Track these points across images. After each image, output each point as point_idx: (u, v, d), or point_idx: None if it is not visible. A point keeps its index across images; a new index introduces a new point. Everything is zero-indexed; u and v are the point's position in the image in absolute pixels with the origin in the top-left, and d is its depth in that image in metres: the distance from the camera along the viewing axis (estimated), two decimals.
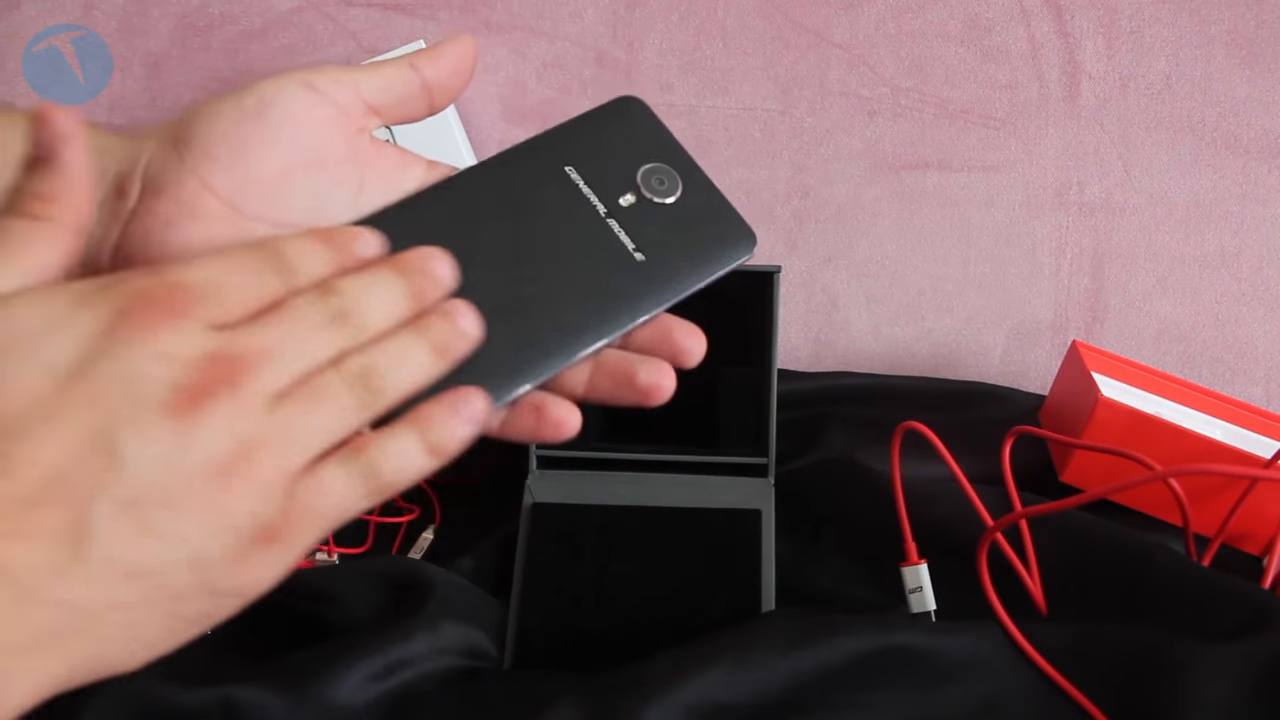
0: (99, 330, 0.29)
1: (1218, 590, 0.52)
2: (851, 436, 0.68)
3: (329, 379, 0.31)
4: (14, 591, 0.27)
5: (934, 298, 0.80)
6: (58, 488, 0.28)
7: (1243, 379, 0.80)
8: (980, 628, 0.51)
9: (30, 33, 0.77)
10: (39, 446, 0.28)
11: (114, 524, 0.28)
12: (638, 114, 0.40)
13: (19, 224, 0.31)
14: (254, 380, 0.30)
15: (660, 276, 0.37)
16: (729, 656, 0.50)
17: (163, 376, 0.29)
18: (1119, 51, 0.78)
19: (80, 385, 0.28)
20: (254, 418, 0.30)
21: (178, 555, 0.29)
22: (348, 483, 0.31)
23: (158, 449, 0.28)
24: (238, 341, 0.30)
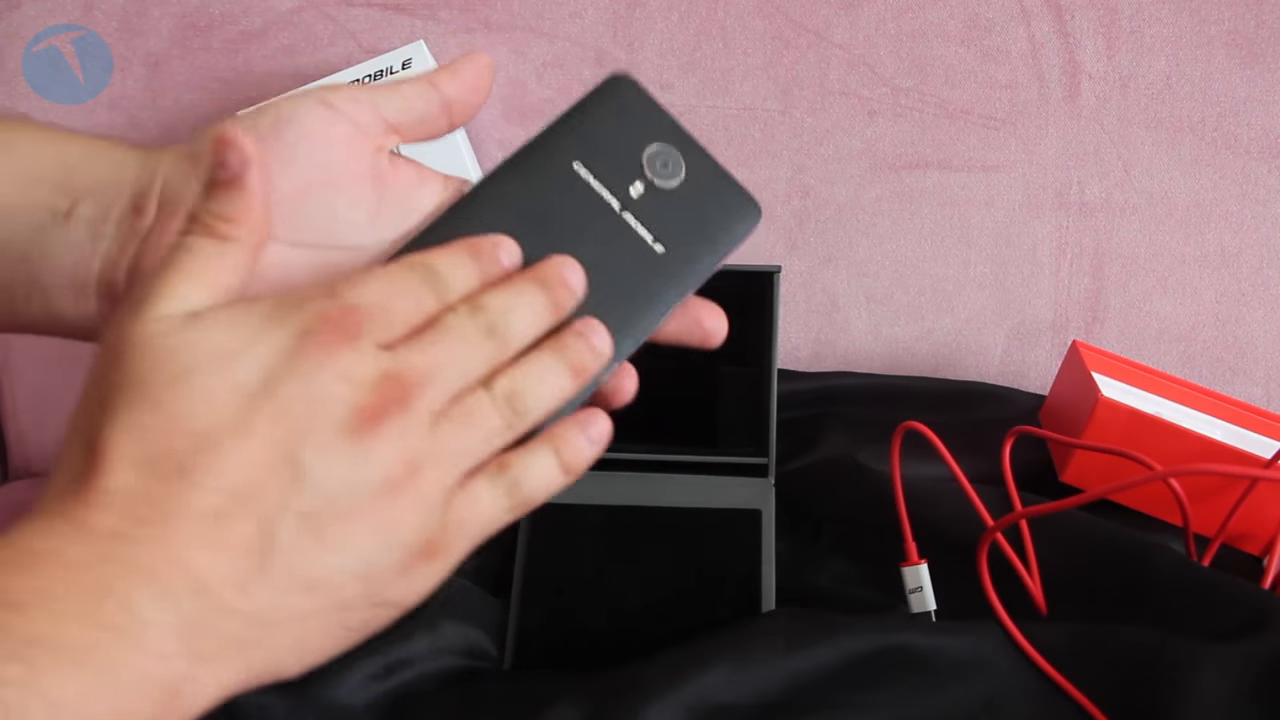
0: (284, 351, 0.30)
1: (1218, 590, 0.52)
2: (851, 436, 0.68)
3: (480, 400, 0.33)
4: (205, 602, 0.28)
5: (934, 298, 0.80)
6: (245, 501, 0.29)
7: (1243, 379, 0.80)
8: (980, 628, 0.51)
9: (30, 33, 0.77)
10: (228, 461, 0.29)
11: (295, 537, 0.29)
12: (631, 94, 0.40)
13: (206, 243, 0.32)
14: (421, 399, 0.31)
15: (682, 265, 0.38)
16: (729, 656, 0.50)
17: (344, 397, 0.30)
18: (1119, 51, 0.78)
19: (267, 404, 0.29)
20: (420, 436, 0.31)
21: (351, 568, 0.30)
22: (495, 498, 0.33)
23: (338, 467, 0.30)
24: (405, 362, 0.31)
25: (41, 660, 0.26)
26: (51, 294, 0.38)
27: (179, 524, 0.28)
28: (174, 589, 0.28)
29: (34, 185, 0.37)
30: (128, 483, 0.29)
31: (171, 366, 0.30)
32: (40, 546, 0.28)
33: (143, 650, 0.27)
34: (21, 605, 0.27)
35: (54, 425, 0.82)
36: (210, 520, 0.29)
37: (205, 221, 0.33)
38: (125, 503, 0.28)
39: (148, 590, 0.28)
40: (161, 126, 0.79)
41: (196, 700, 0.29)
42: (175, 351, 0.30)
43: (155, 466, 0.29)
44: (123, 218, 0.37)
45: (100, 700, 0.26)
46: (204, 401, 0.29)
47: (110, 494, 0.28)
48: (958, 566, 0.55)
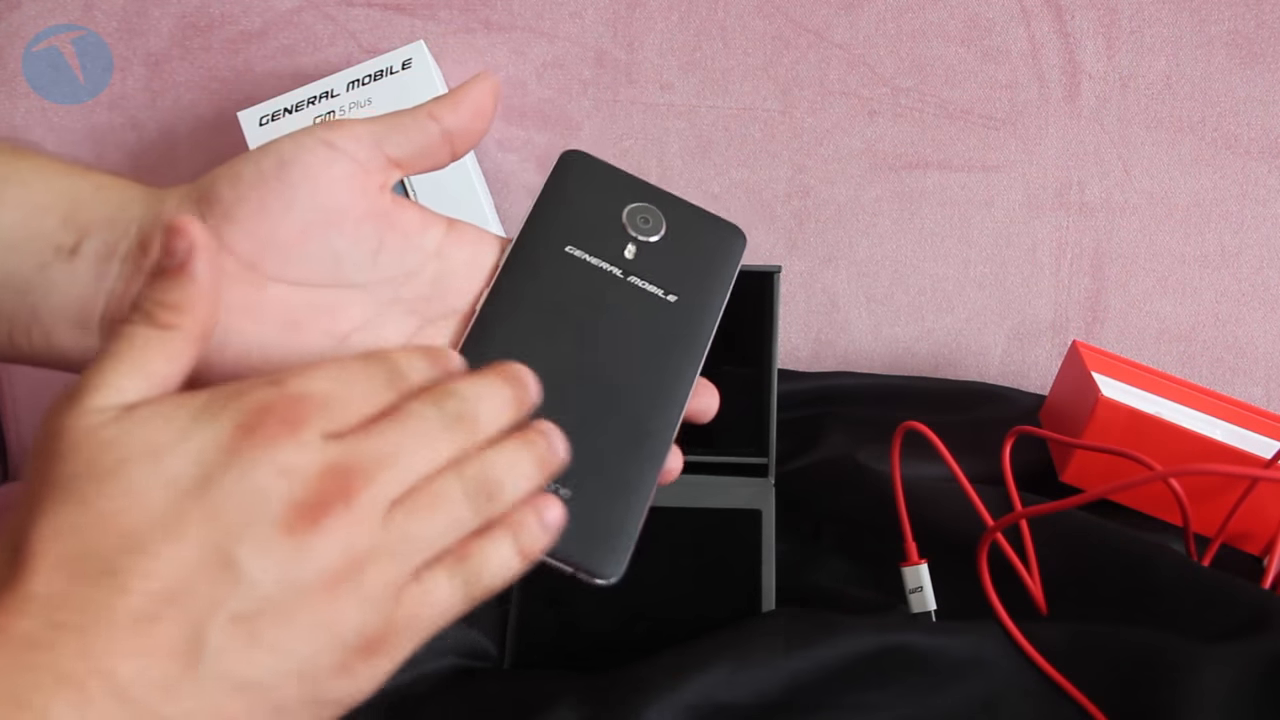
0: (221, 444, 0.29)
1: (1218, 590, 0.52)
2: (851, 436, 0.68)
3: (449, 485, 0.32)
4: (127, 710, 0.27)
5: (934, 298, 0.80)
6: (175, 603, 0.28)
7: (1243, 379, 0.80)
8: (980, 628, 0.51)
9: (30, 33, 0.77)
10: (158, 561, 0.28)
11: (227, 639, 0.28)
12: (587, 166, 0.41)
13: (147, 332, 0.31)
14: (371, 489, 0.30)
15: (698, 304, 0.39)
16: (729, 656, 0.50)
17: (283, 493, 0.29)
18: (1119, 51, 0.78)
19: (201, 501, 0.28)
20: (368, 530, 0.30)
21: (286, 668, 0.29)
22: (451, 590, 0.32)
23: (275, 565, 0.29)
24: (355, 450, 0.30)
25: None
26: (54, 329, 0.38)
27: (103, 629, 0.27)
28: (95, 699, 0.27)
29: (41, 218, 0.37)
30: (51, 586, 0.27)
31: (102, 462, 0.29)
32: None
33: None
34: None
35: None
36: (136, 624, 0.27)
37: (147, 310, 0.32)
38: (47, 608, 0.27)
39: (65, 700, 0.27)
40: (161, 126, 0.79)
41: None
42: (106, 446, 0.29)
43: (81, 567, 0.28)
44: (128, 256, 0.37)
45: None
46: (134, 498, 0.28)
47: (32, 599, 0.27)
48: (958, 566, 0.55)
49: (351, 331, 0.37)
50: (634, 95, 0.79)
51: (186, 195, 0.38)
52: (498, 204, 0.78)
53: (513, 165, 0.79)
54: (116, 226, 0.38)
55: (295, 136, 0.37)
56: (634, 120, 0.79)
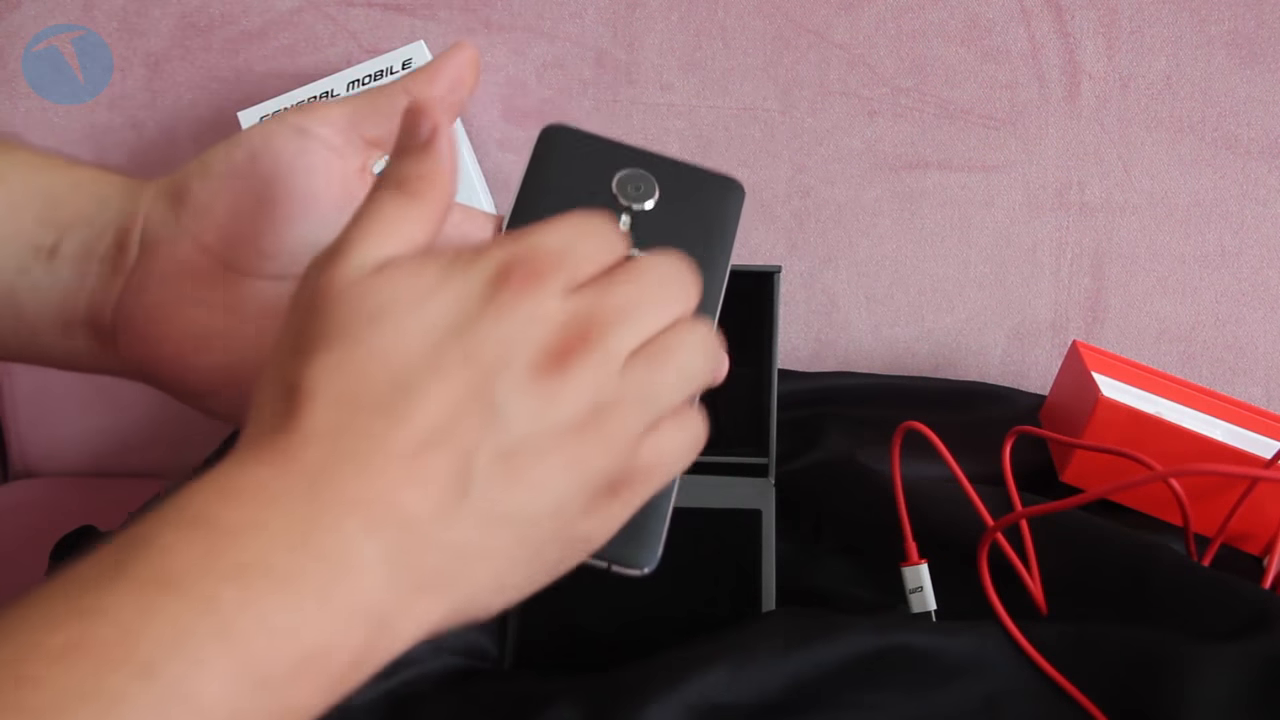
0: (474, 294, 0.30)
1: (1218, 590, 0.52)
2: (851, 436, 0.68)
3: (680, 341, 0.33)
4: (411, 535, 0.29)
5: (934, 298, 0.80)
6: (445, 437, 0.29)
7: (1243, 379, 0.80)
8: (980, 628, 0.51)
9: (30, 33, 0.77)
10: (427, 399, 0.29)
11: (492, 473, 0.29)
12: (570, 138, 0.40)
13: (399, 199, 0.33)
14: (610, 339, 0.31)
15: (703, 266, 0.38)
16: (729, 656, 0.50)
17: (534, 338, 0.30)
18: (1119, 51, 0.78)
19: (459, 344, 0.30)
20: (609, 378, 0.31)
21: (543, 504, 0.30)
22: (679, 443, 0.33)
23: (530, 405, 0.30)
24: (594, 303, 0.31)
25: (256, 585, 0.26)
26: (37, 329, 0.38)
27: (383, 459, 0.29)
28: (381, 521, 0.28)
29: (18, 217, 0.37)
30: (329, 419, 0.29)
31: (366, 308, 0.30)
32: (248, 480, 0.28)
33: (353, 579, 0.28)
34: (233, 532, 0.27)
35: (54, 425, 0.82)
36: (412, 454, 0.29)
37: (398, 179, 0.33)
38: (330, 438, 0.29)
39: (357, 522, 0.28)
40: (161, 126, 0.79)
41: (403, 633, 0.29)
42: (369, 294, 0.30)
43: (356, 403, 0.29)
44: (106, 256, 0.37)
45: (314, 626, 0.27)
46: (399, 340, 0.30)
47: (313, 431, 0.29)
48: (958, 566, 0.55)
49: None
50: (634, 95, 0.79)
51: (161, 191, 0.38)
52: (498, 203, 0.78)
53: (513, 165, 0.79)
54: (94, 225, 0.37)
55: (266, 126, 0.37)
56: (634, 120, 0.79)
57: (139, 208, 0.37)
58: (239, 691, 0.25)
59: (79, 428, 0.82)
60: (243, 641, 0.25)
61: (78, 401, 0.82)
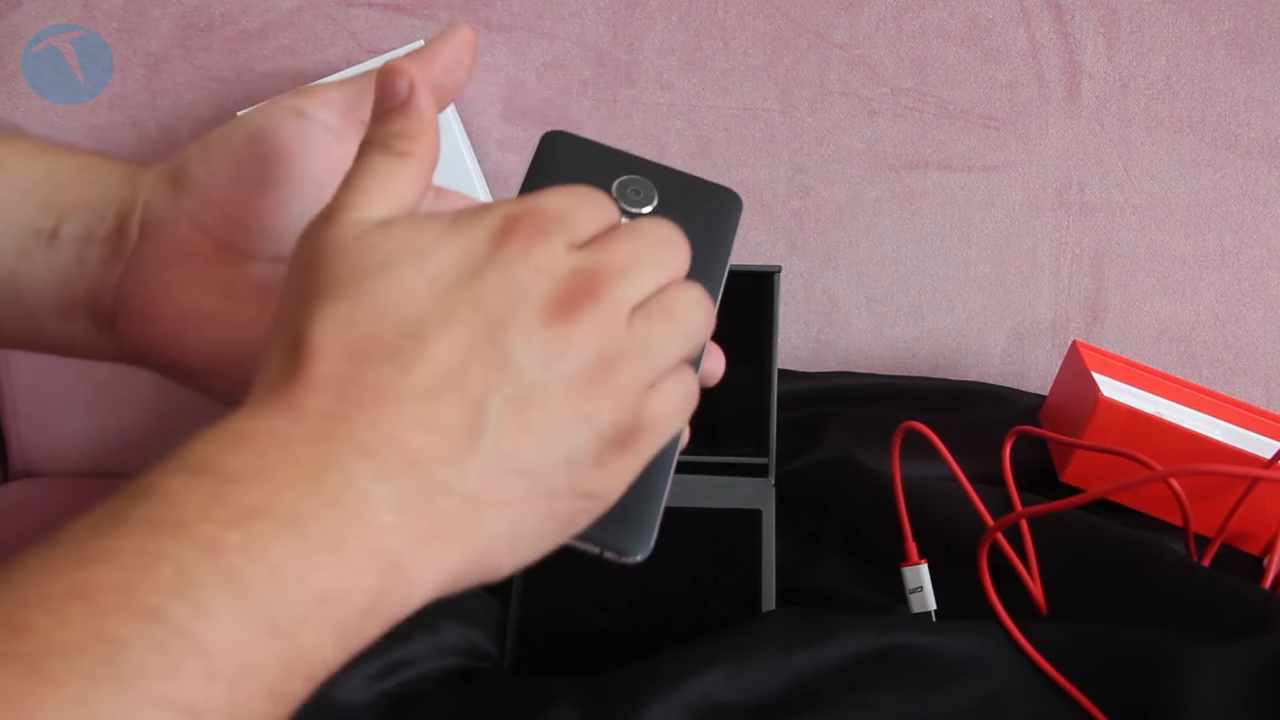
0: (478, 246, 0.31)
1: (1218, 590, 0.52)
2: (851, 436, 0.68)
3: (680, 298, 0.33)
4: (422, 479, 0.28)
5: (934, 298, 0.80)
6: (454, 383, 0.29)
7: (1243, 379, 0.80)
8: (980, 628, 0.51)
9: (30, 33, 0.77)
10: (435, 345, 0.29)
11: (503, 419, 0.29)
12: (570, 144, 0.40)
13: (386, 159, 0.33)
14: (614, 292, 0.31)
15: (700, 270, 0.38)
16: (729, 656, 0.50)
17: (541, 287, 0.30)
18: (1119, 51, 0.78)
19: (467, 293, 0.30)
20: (615, 331, 0.31)
21: (555, 453, 0.30)
22: (680, 399, 0.33)
23: (539, 353, 0.30)
24: (596, 258, 0.32)
25: (263, 528, 0.26)
26: (37, 313, 0.38)
27: (392, 404, 0.28)
28: (391, 465, 0.28)
29: (20, 202, 0.37)
30: (337, 369, 0.29)
31: (369, 262, 0.30)
32: (255, 427, 0.28)
33: (365, 521, 0.27)
34: (240, 478, 0.26)
35: (54, 425, 0.82)
36: (422, 401, 0.29)
37: (383, 141, 0.33)
38: (337, 386, 0.29)
39: (367, 465, 0.28)
40: (161, 126, 0.79)
41: (419, 581, 0.28)
42: (371, 248, 0.30)
43: (363, 352, 0.29)
44: (107, 239, 0.37)
45: (323, 569, 0.26)
46: (404, 291, 0.30)
47: (321, 379, 0.29)
48: (958, 566, 0.55)
49: None
50: (634, 95, 0.79)
51: (162, 174, 0.38)
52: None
53: (513, 165, 0.79)
54: (94, 209, 0.37)
55: (265, 108, 0.37)
56: (634, 120, 0.79)
57: (139, 191, 0.37)
58: (246, 636, 0.25)
59: (79, 427, 0.82)
60: (249, 586, 0.25)
61: (78, 401, 0.82)
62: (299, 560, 0.26)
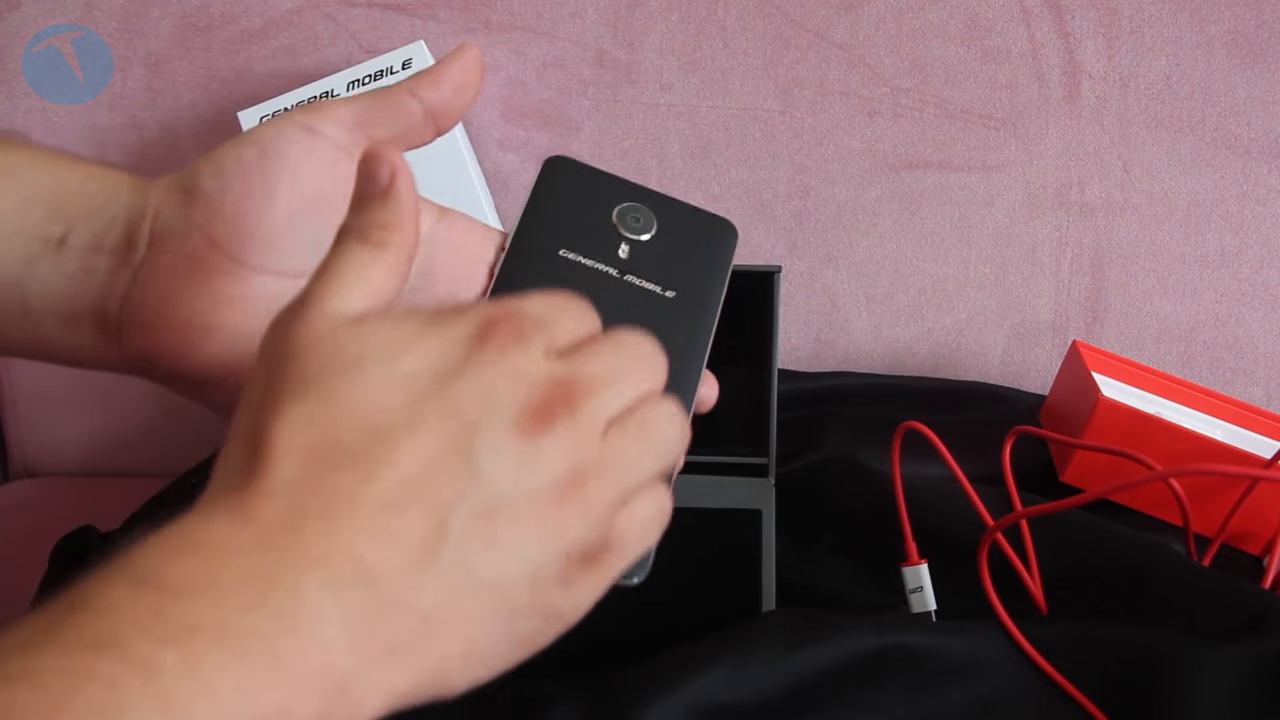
0: (454, 349, 0.30)
1: (1218, 590, 0.52)
2: (851, 436, 0.68)
3: (658, 414, 0.32)
4: (376, 596, 0.27)
5: (934, 298, 0.80)
6: (419, 493, 0.28)
7: (1243, 379, 0.80)
8: (980, 628, 0.51)
9: (30, 33, 0.77)
10: (401, 453, 0.28)
11: (467, 533, 0.28)
12: (573, 170, 0.41)
13: (363, 250, 0.32)
14: (591, 403, 0.30)
15: (697, 297, 0.39)
16: (729, 656, 0.50)
17: (515, 395, 0.29)
18: (1119, 51, 0.78)
19: (439, 398, 0.29)
20: (589, 444, 0.30)
21: (519, 570, 0.29)
22: (651, 517, 0.32)
23: (509, 465, 0.29)
24: (575, 367, 0.31)
25: (202, 647, 0.24)
26: (42, 322, 0.38)
27: (351, 514, 0.27)
28: (344, 580, 0.27)
29: (29, 210, 0.37)
30: (296, 473, 0.28)
31: (339, 360, 0.29)
32: (203, 535, 0.27)
33: (311, 641, 0.26)
34: (182, 592, 0.25)
35: (54, 426, 0.82)
36: (382, 511, 0.27)
37: (360, 230, 0.32)
38: (294, 493, 0.27)
39: (317, 579, 0.26)
40: (161, 126, 0.79)
41: (365, 703, 0.27)
42: (342, 346, 0.29)
43: (325, 457, 0.28)
44: (115, 248, 0.37)
45: (265, 692, 0.25)
46: (373, 393, 0.28)
47: (278, 484, 0.27)
48: (958, 566, 0.55)
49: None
50: (634, 95, 0.79)
51: (172, 185, 0.38)
52: (498, 204, 0.78)
53: (513, 165, 0.79)
54: (103, 218, 0.38)
55: (275, 123, 0.37)
56: (634, 120, 0.79)
57: (149, 202, 0.37)
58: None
59: (79, 428, 0.82)
60: (185, 710, 0.24)
61: (77, 402, 0.82)
62: (239, 682, 0.24)
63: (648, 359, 0.33)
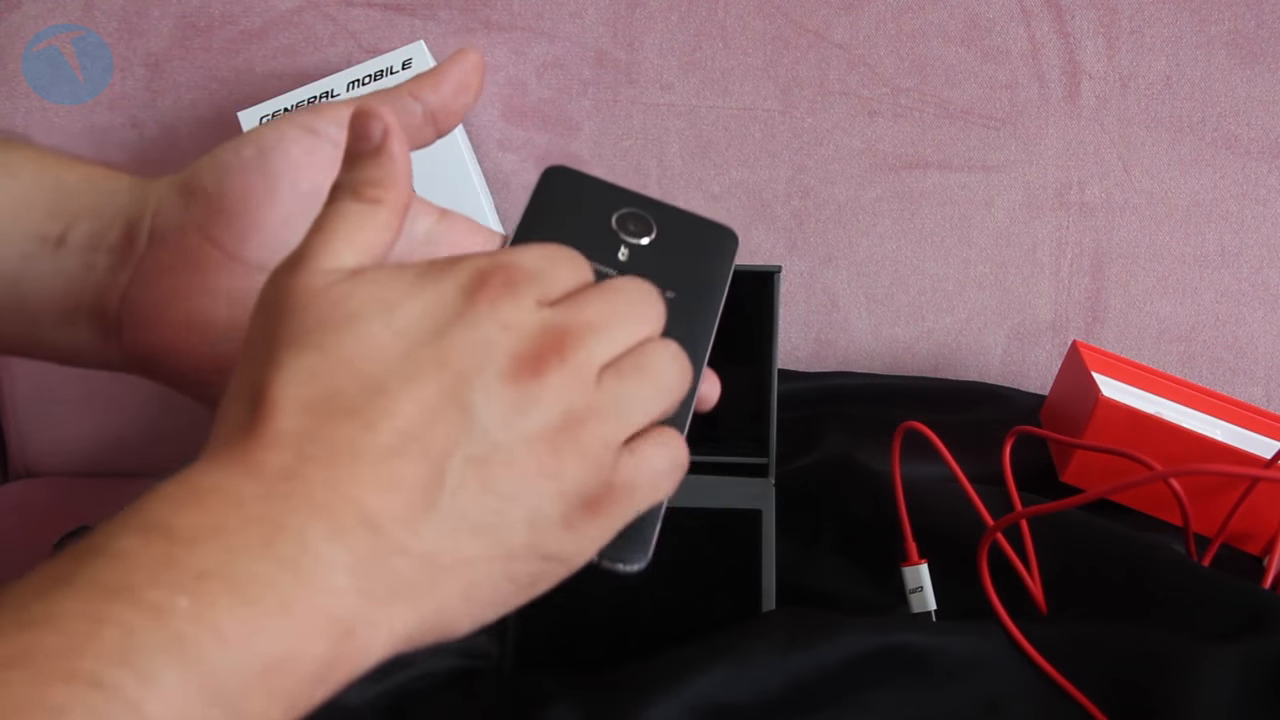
0: (446, 300, 0.30)
1: (1218, 590, 0.52)
2: (851, 436, 0.68)
3: (653, 356, 0.33)
4: (378, 541, 0.28)
5: (934, 298, 0.80)
6: (417, 441, 0.29)
7: (1243, 379, 0.80)
8: (980, 628, 0.51)
9: (30, 33, 0.77)
10: (399, 403, 0.29)
11: (464, 478, 0.29)
12: (572, 179, 0.41)
13: (357, 206, 0.32)
14: (583, 350, 0.31)
15: (697, 297, 0.39)
16: (729, 656, 0.50)
17: (507, 345, 0.30)
18: (1119, 51, 0.78)
19: (432, 348, 0.30)
20: (582, 389, 0.31)
21: (517, 513, 0.30)
22: (660, 463, 0.33)
23: (503, 412, 0.30)
24: (567, 315, 0.31)
25: (212, 593, 0.25)
26: (41, 320, 0.38)
27: (351, 462, 0.28)
28: (347, 526, 0.28)
29: (29, 209, 0.37)
30: (297, 424, 0.28)
31: (336, 314, 0.30)
32: (208, 484, 0.28)
33: (316, 586, 0.27)
34: (190, 540, 0.26)
35: (54, 426, 0.82)
36: (382, 460, 0.28)
37: (354, 188, 0.33)
38: (296, 442, 0.28)
39: (321, 526, 0.27)
40: (161, 126, 0.79)
41: (371, 645, 0.28)
42: (339, 300, 0.30)
43: (325, 408, 0.29)
44: (114, 246, 0.37)
45: (273, 636, 0.26)
46: (370, 345, 0.29)
47: (280, 435, 0.28)
48: (958, 566, 0.55)
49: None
50: (634, 95, 0.79)
51: (171, 185, 0.38)
52: (498, 204, 0.78)
53: (513, 165, 0.79)
54: (102, 217, 0.38)
55: (276, 124, 0.37)
56: (634, 120, 0.79)
57: (148, 201, 0.38)
58: (190, 705, 0.24)
59: (79, 428, 0.82)
60: (195, 653, 0.25)
61: (77, 401, 0.82)
62: (248, 626, 0.26)
63: (642, 303, 0.33)
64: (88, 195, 0.38)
